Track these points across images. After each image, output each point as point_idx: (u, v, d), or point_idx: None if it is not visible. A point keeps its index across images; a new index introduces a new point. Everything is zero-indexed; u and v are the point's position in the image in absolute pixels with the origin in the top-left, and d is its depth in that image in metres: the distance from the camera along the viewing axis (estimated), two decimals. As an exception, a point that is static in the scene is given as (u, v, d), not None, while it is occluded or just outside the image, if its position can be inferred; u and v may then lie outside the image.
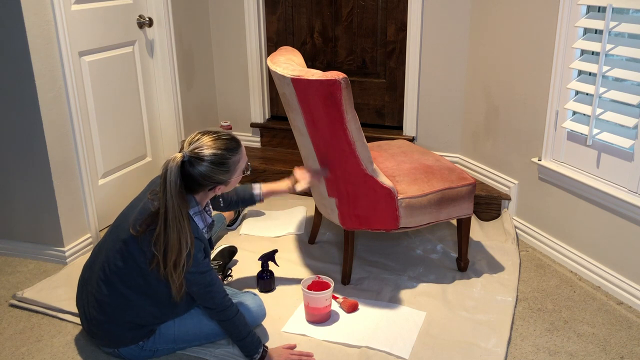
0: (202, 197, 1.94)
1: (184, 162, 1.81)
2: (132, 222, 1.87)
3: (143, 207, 1.89)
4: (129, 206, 2.00)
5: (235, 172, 1.92)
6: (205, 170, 1.83)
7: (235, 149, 1.90)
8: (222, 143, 1.86)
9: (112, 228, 2.02)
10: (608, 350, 2.10)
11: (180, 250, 1.80)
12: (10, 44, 2.40)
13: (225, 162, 1.86)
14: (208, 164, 1.83)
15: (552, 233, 2.74)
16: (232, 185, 1.97)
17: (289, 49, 2.61)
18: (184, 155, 1.82)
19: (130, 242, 1.88)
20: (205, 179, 1.84)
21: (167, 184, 1.77)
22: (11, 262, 2.74)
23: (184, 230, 1.80)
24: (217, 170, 1.85)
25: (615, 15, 2.29)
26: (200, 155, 1.82)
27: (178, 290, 1.86)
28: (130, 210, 1.95)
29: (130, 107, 3.09)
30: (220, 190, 1.94)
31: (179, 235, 1.79)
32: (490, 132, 3.11)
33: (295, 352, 2.03)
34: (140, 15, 3.10)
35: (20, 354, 2.11)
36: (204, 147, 1.83)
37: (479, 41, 3.10)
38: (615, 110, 2.35)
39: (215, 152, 1.83)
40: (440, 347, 2.09)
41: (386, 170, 2.46)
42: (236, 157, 1.90)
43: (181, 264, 1.82)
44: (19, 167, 2.60)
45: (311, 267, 2.65)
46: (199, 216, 1.95)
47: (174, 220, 1.79)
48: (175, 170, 1.78)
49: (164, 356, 2.06)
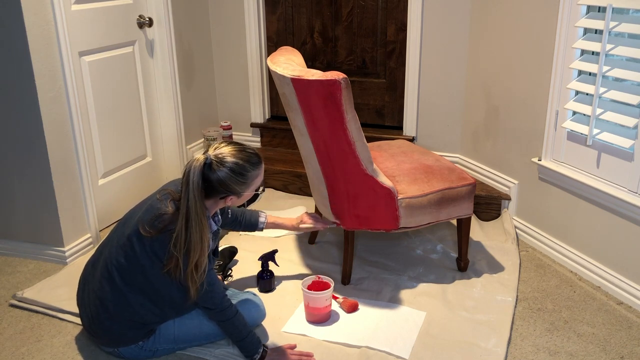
0: (212, 204, 1.94)
1: (205, 165, 1.83)
2: (140, 221, 1.88)
3: (150, 206, 1.89)
4: (138, 205, 2.01)
5: (250, 186, 1.94)
6: (224, 176, 1.84)
7: (257, 164, 1.92)
8: (245, 155, 1.89)
9: (118, 225, 2.02)
10: (608, 350, 2.10)
11: (202, 249, 1.83)
12: (10, 44, 2.40)
13: (245, 173, 1.88)
14: (228, 170, 1.84)
15: (552, 233, 2.74)
16: (243, 199, 1.98)
17: (289, 49, 2.61)
18: (207, 157, 1.84)
19: (134, 239, 1.88)
20: (222, 185, 1.86)
21: (190, 184, 1.80)
22: (11, 262, 2.74)
23: (205, 229, 1.83)
24: (235, 180, 1.86)
25: (615, 15, 2.29)
26: (222, 161, 1.84)
27: (197, 291, 1.87)
28: (138, 209, 1.96)
29: (130, 107, 3.09)
30: (231, 202, 1.96)
31: (201, 234, 1.82)
32: (490, 132, 3.11)
33: (295, 352, 2.03)
34: (140, 15, 3.10)
35: (20, 354, 2.11)
36: (227, 154, 1.86)
37: (479, 41, 3.10)
38: (615, 110, 2.35)
39: (237, 162, 1.86)
40: (440, 347, 2.09)
41: (386, 170, 2.46)
42: (255, 172, 1.92)
43: (203, 265, 1.84)
44: (19, 167, 2.60)
45: (311, 267, 2.65)
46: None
47: (196, 219, 1.80)
48: (198, 171, 1.81)
49: (164, 356, 2.06)
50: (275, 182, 3.49)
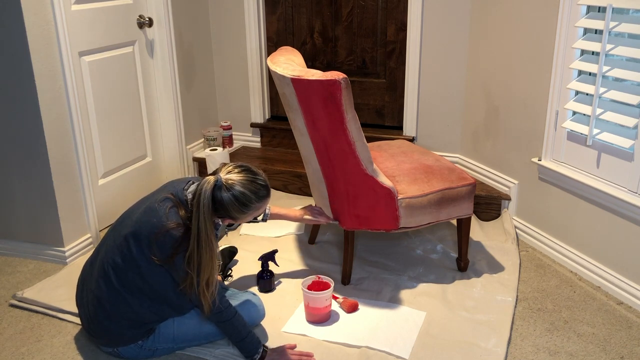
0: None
1: (215, 186, 1.85)
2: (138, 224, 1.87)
3: (149, 208, 1.89)
4: (136, 205, 2.01)
5: (249, 216, 1.96)
6: (226, 201, 1.86)
7: (264, 197, 1.93)
8: (255, 187, 1.90)
9: (115, 224, 2.02)
10: (608, 350, 2.10)
11: (212, 268, 1.85)
12: (10, 44, 2.40)
13: (248, 204, 1.89)
14: (233, 198, 1.86)
15: (552, 233, 2.74)
16: (239, 222, 2.03)
17: (289, 49, 2.61)
18: (217, 180, 1.85)
19: (131, 240, 1.88)
20: (222, 208, 1.87)
21: (201, 205, 1.82)
22: (11, 262, 2.74)
23: (215, 250, 1.86)
24: (237, 208, 1.88)
25: (615, 15, 2.29)
26: (230, 187, 1.86)
27: (209, 309, 1.89)
28: (136, 209, 1.96)
29: (130, 107, 3.09)
30: (227, 222, 2.00)
31: (211, 254, 1.84)
32: (490, 132, 3.11)
33: (295, 352, 2.03)
34: (140, 15, 3.10)
35: (20, 354, 2.11)
36: (237, 183, 1.87)
37: (479, 41, 3.10)
38: (615, 110, 2.35)
39: (244, 192, 1.87)
40: (440, 347, 2.09)
41: (386, 170, 2.46)
42: (259, 204, 1.93)
43: (214, 283, 1.86)
44: (19, 167, 2.60)
45: (311, 267, 2.65)
46: None
47: (206, 240, 1.83)
48: (209, 193, 1.83)
49: (164, 356, 2.06)
50: (275, 182, 3.49)
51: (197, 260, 1.83)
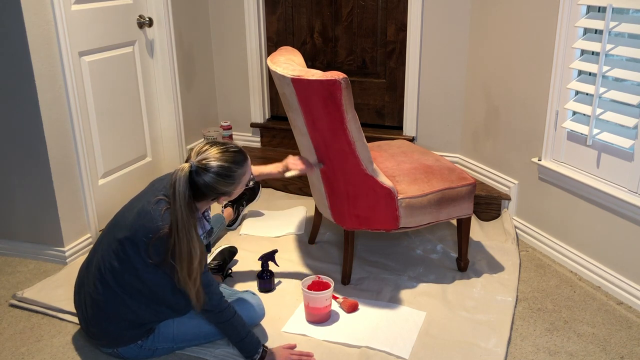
0: (203, 204, 1.95)
1: (191, 172, 1.82)
2: (133, 228, 1.86)
3: (142, 209, 1.87)
4: (127, 206, 1.99)
5: (239, 184, 1.93)
6: (210, 181, 1.83)
7: (242, 162, 1.90)
8: (229, 156, 1.87)
9: (108, 227, 2.01)
10: (608, 350, 2.10)
11: (191, 259, 1.82)
12: (10, 44, 2.40)
13: (231, 174, 1.87)
14: (214, 175, 1.83)
15: (552, 233, 2.74)
16: (235, 195, 1.98)
17: (289, 49, 2.61)
18: (191, 165, 1.82)
19: (127, 244, 1.87)
20: (210, 189, 1.85)
21: (176, 194, 1.79)
22: (11, 262, 2.74)
23: (193, 240, 1.82)
24: (222, 182, 1.85)
25: (615, 15, 2.29)
26: (207, 166, 1.83)
27: (196, 299, 1.87)
28: (128, 211, 1.94)
29: (130, 107, 3.09)
30: (224, 200, 1.96)
31: (189, 246, 1.81)
32: (490, 132, 3.11)
33: (295, 352, 2.03)
34: (140, 15, 3.10)
35: (20, 354, 2.11)
36: (211, 158, 1.84)
37: (479, 41, 3.10)
38: (615, 110, 2.35)
39: (222, 165, 1.84)
40: (440, 347, 2.09)
41: (386, 170, 2.46)
42: (242, 170, 1.90)
43: (194, 273, 1.83)
44: (19, 167, 2.60)
45: (311, 267, 2.65)
46: (198, 223, 1.94)
47: (183, 230, 1.80)
48: (184, 181, 1.80)
49: (164, 356, 2.06)
50: (275, 182, 3.49)
51: (178, 251, 1.80)
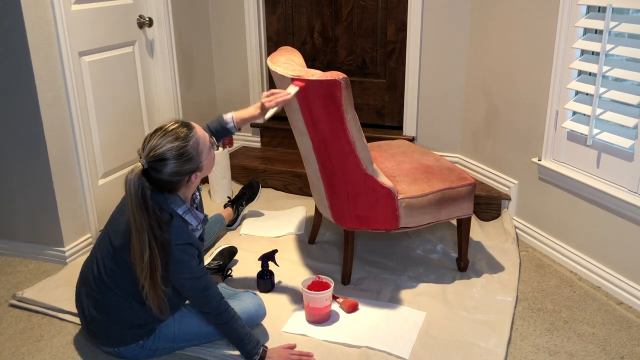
0: (184, 192, 1.90)
1: (146, 171, 1.77)
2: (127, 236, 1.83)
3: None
4: (121, 207, 1.95)
5: (202, 154, 1.86)
6: (171, 168, 1.78)
7: (188, 134, 1.82)
8: (172, 135, 1.80)
9: (105, 230, 1.99)
10: (608, 350, 2.10)
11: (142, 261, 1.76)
12: (10, 44, 2.40)
13: (184, 151, 1.80)
14: (170, 161, 1.77)
15: (552, 233, 2.74)
16: (208, 168, 1.91)
17: (289, 49, 2.60)
18: (142, 164, 1.77)
19: (124, 250, 1.85)
20: (176, 175, 1.80)
21: (130, 197, 1.73)
22: (11, 262, 2.74)
23: (145, 243, 1.75)
24: (182, 162, 1.80)
25: (615, 15, 2.29)
26: (158, 157, 1.77)
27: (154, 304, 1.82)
28: (121, 215, 1.91)
29: (130, 107, 3.09)
30: (199, 177, 1.89)
31: (141, 248, 1.76)
32: (490, 132, 3.11)
33: (295, 352, 2.03)
34: (140, 15, 3.10)
35: (20, 354, 2.11)
36: (157, 147, 1.78)
37: (479, 41, 3.10)
38: (615, 110, 2.35)
39: (170, 147, 1.78)
40: (440, 347, 2.09)
41: (386, 170, 2.46)
42: (193, 141, 1.82)
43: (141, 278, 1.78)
44: (19, 167, 2.60)
45: (311, 267, 2.65)
46: (190, 214, 1.92)
47: (136, 233, 1.75)
48: (135, 182, 1.73)
49: (164, 356, 2.06)
50: (275, 182, 3.49)
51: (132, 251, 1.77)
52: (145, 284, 1.80)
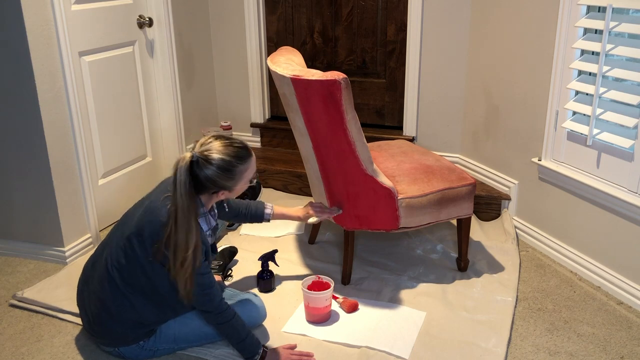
0: (207, 199, 1.94)
1: (192, 162, 1.82)
2: (139, 224, 1.87)
3: (149, 206, 1.88)
4: (137, 204, 2.00)
5: (240, 181, 1.92)
6: (210, 173, 1.83)
7: (245, 157, 1.90)
8: (232, 150, 1.87)
9: (117, 225, 2.02)
10: (608, 350, 2.10)
11: (187, 248, 1.80)
12: (10, 44, 2.40)
13: (232, 169, 1.86)
14: (215, 168, 1.83)
15: (552, 233, 2.74)
16: (236, 193, 1.97)
17: (289, 49, 2.61)
18: (193, 155, 1.82)
19: (134, 240, 1.87)
20: (210, 182, 1.85)
21: (177, 183, 1.79)
22: (11, 262, 2.74)
23: (191, 230, 1.80)
24: (223, 176, 1.85)
25: (615, 15, 2.29)
26: (208, 158, 1.82)
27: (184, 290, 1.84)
28: (137, 209, 1.95)
29: (130, 107, 3.09)
30: (224, 196, 1.95)
31: (186, 234, 1.79)
32: (490, 132, 3.11)
33: (295, 352, 2.03)
34: (140, 15, 3.10)
35: (20, 354, 2.11)
36: (213, 150, 1.84)
37: (479, 41, 3.10)
38: (615, 110, 2.35)
39: (223, 158, 1.84)
40: (440, 347, 2.09)
41: (386, 170, 2.46)
42: (244, 166, 1.89)
43: (186, 262, 1.81)
44: (19, 167, 2.60)
45: (311, 267, 2.65)
46: (202, 218, 1.95)
47: (182, 219, 1.79)
48: (185, 170, 1.79)
49: (164, 356, 2.06)
50: (275, 182, 3.49)
51: (174, 240, 1.79)
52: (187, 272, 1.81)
